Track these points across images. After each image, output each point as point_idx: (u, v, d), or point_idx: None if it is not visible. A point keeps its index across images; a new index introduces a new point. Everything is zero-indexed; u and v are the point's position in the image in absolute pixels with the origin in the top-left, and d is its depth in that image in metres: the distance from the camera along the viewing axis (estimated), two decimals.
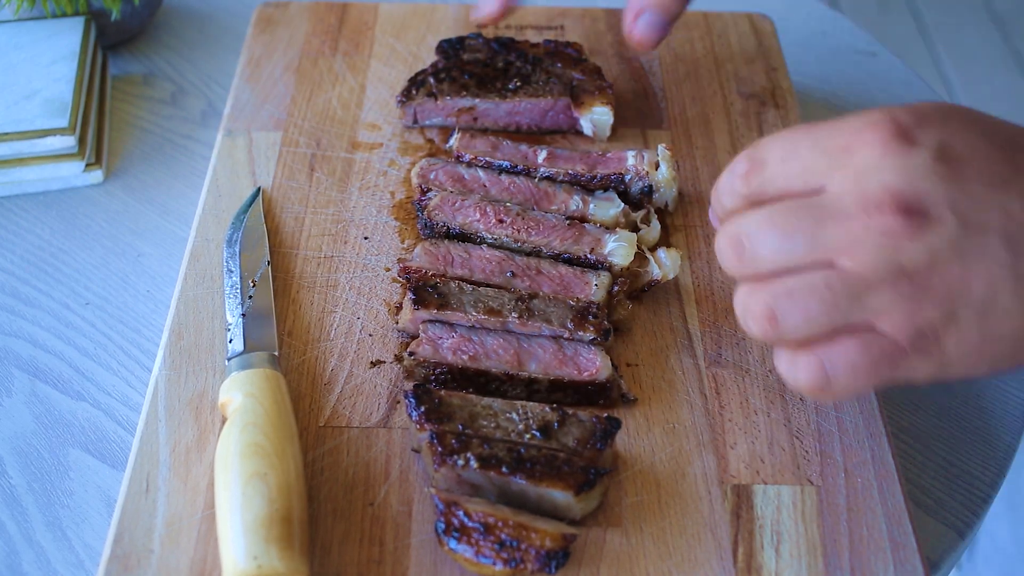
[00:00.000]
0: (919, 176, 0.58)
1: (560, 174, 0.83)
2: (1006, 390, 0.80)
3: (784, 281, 0.60)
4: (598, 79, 0.89)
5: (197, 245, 0.81)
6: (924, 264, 0.57)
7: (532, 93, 0.87)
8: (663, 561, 0.64)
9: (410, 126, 0.90)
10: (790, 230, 0.59)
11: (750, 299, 0.61)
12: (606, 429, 0.66)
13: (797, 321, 0.59)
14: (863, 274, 0.58)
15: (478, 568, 0.61)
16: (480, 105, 0.87)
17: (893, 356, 0.59)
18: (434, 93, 0.88)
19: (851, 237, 0.58)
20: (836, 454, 0.69)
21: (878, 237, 0.57)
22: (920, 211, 0.57)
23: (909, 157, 0.58)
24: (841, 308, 0.58)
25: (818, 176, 0.60)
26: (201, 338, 0.74)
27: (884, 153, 0.58)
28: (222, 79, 1.03)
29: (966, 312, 0.58)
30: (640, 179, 0.82)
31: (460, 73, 0.89)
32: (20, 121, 0.90)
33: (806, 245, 0.59)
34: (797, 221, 0.59)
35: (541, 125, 0.88)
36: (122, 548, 0.63)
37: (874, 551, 0.64)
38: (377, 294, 0.78)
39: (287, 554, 0.59)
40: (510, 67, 0.90)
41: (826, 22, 1.15)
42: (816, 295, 0.58)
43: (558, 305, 0.73)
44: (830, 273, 0.58)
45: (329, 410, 0.71)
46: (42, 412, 0.76)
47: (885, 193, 0.57)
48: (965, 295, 0.58)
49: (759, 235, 0.60)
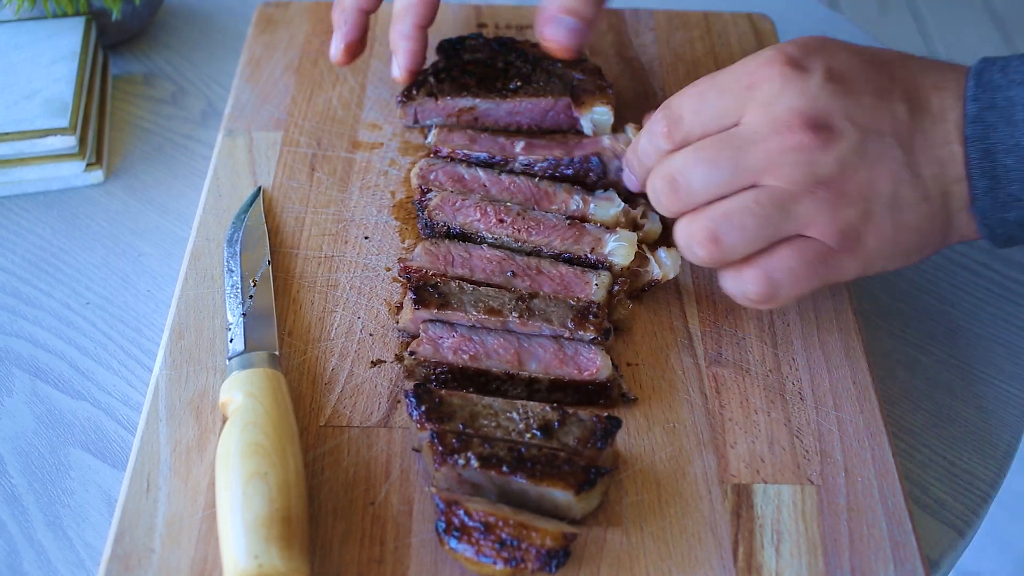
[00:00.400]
0: (817, 96, 0.66)
1: (538, 160, 0.83)
2: (1006, 390, 0.80)
3: (719, 205, 0.67)
4: (598, 79, 0.89)
5: (198, 245, 0.81)
6: (836, 171, 0.65)
7: (532, 93, 0.87)
8: (663, 560, 0.64)
9: (410, 126, 0.90)
10: (716, 160, 0.67)
11: (692, 227, 0.68)
12: (606, 428, 0.66)
13: (736, 239, 0.66)
14: (786, 188, 0.66)
15: (479, 567, 0.61)
16: (481, 105, 0.87)
17: (824, 257, 0.67)
18: (434, 93, 0.88)
19: (770, 158, 0.66)
20: (836, 454, 0.69)
21: (793, 153, 0.65)
22: (824, 125, 0.65)
23: (805, 81, 0.66)
24: (773, 220, 0.66)
25: (731, 115, 0.68)
26: (202, 338, 0.74)
27: (783, 82, 0.66)
28: (222, 79, 1.03)
29: (878, 208, 0.66)
30: (617, 158, 0.82)
31: (461, 73, 0.89)
32: (20, 121, 0.90)
33: (732, 171, 0.66)
34: (720, 152, 0.67)
35: (542, 125, 0.88)
36: (123, 547, 0.63)
37: (874, 551, 0.64)
38: (377, 294, 0.78)
39: (288, 553, 0.59)
40: (510, 67, 0.90)
41: (826, 22, 1.15)
42: (749, 212, 0.66)
43: (558, 305, 0.73)
44: (759, 191, 0.66)
45: (330, 409, 0.71)
46: (43, 412, 0.76)
47: (792, 115, 0.66)
48: (875, 193, 0.66)
49: (690, 170, 0.68)
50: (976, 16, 2.89)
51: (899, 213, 0.66)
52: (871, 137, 0.66)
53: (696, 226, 0.68)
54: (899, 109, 0.67)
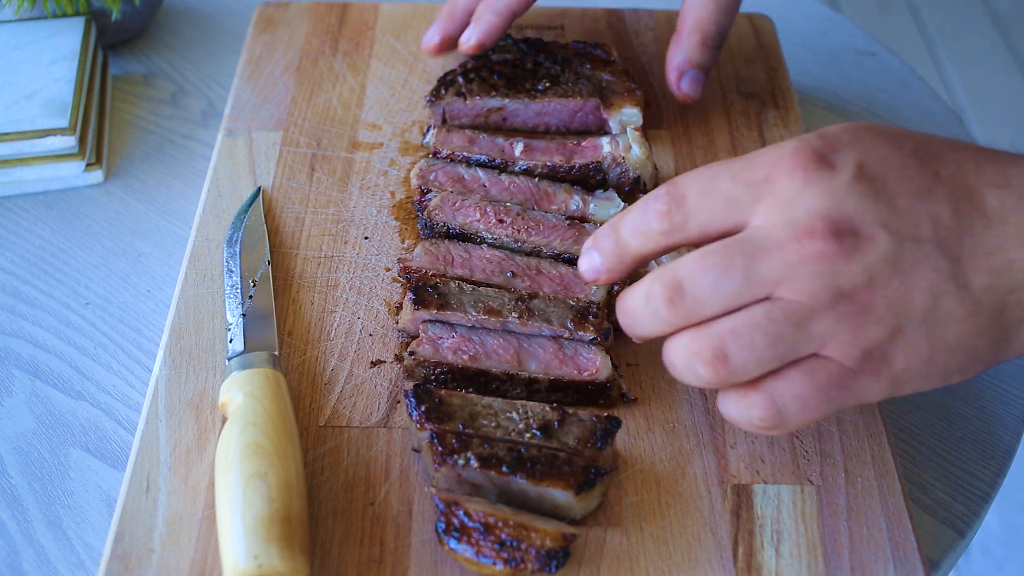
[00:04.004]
0: (843, 198, 0.58)
1: (538, 166, 0.83)
2: (1006, 390, 0.80)
3: (726, 320, 0.59)
4: (627, 80, 0.89)
5: (197, 245, 0.81)
6: (863, 284, 0.57)
7: (561, 94, 0.87)
8: (663, 561, 0.64)
9: (439, 126, 0.89)
10: (727, 268, 0.58)
11: (695, 344, 0.59)
12: (606, 428, 0.66)
13: (746, 358, 0.58)
14: (803, 302, 0.57)
15: (478, 568, 0.61)
16: (509, 105, 0.87)
17: (842, 380, 0.59)
18: (463, 93, 0.88)
19: (786, 267, 0.57)
20: (836, 454, 0.69)
21: (813, 264, 0.57)
22: (850, 232, 0.57)
23: (830, 181, 0.58)
24: (787, 339, 0.58)
25: (741, 209, 0.60)
26: (201, 338, 0.74)
27: (806, 180, 0.58)
28: (222, 79, 1.03)
29: (911, 324, 0.58)
30: (617, 165, 0.82)
31: (490, 73, 0.89)
32: (20, 121, 0.90)
33: (743, 281, 0.58)
34: (732, 258, 0.58)
35: (570, 126, 0.88)
36: (122, 547, 0.63)
37: (874, 551, 0.64)
38: (377, 294, 0.78)
39: (287, 553, 0.59)
40: (539, 68, 0.90)
41: (826, 22, 1.15)
42: (760, 330, 0.58)
43: (558, 305, 0.73)
44: (772, 306, 0.58)
45: (329, 410, 0.71)
46: (42, 412, 0.76)
47: (813, 219, 0.57)
48: (908, 308, 0.58)
49: (698, 278, 0.59)
50: (976, 16, 2.89)
51: (938, 330, 0.58)
52: (907, 244, 0.57)
53: (701, 343, 0.59)
54: (943, 211, 0.58)
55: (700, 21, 0.88)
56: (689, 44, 0.89)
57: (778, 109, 0.94)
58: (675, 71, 0.89)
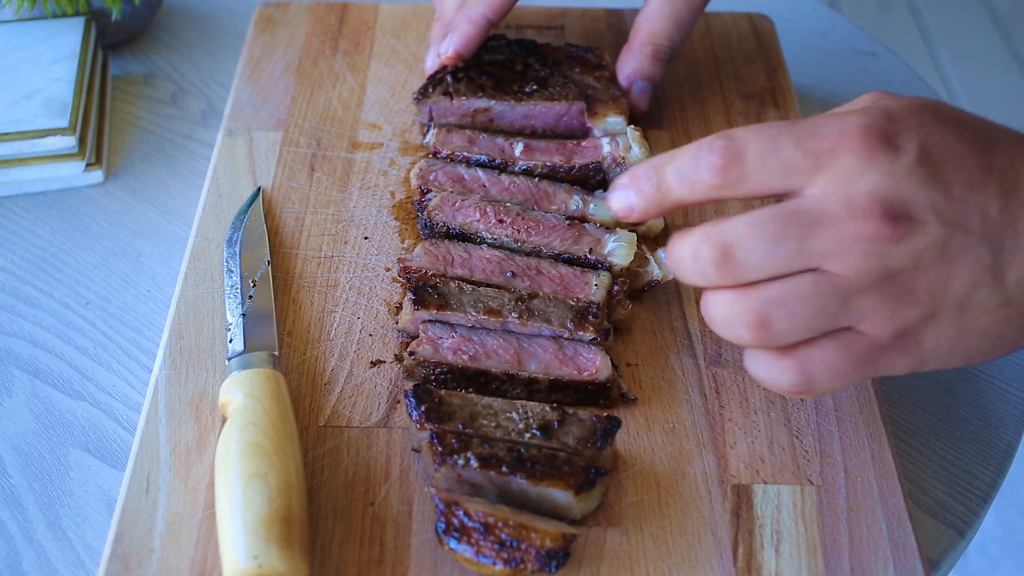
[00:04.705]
0: (903, 181, 0.59)
1: (538, 167, 0.83)
2: (1006, 390, 0.80)
3: (773, 287, 0.60)
4: (613, 88, 0.89)
5: (197, 245, 0.81)
6: (908, 267, 0.59)
7: (547, 97, 0.87)
8: (663, 561, 0.64)
9: (425, 123, 0.89)
10: (781, 237, 0.59)
11: (738, 307, 0.61)
12: (606, 428, 0.66)
13: (787, 327, 0.60)
14: (851, 279, 0.59)
15: (478, 568, 0.61)
16: (495, 107, 0.87)
17: (872, 355, 0.61)
18: (450, 92, 0.88)
19: (839, 243, 0.59)
20: (836, 454, 0.69)
21: (865, 244, 0.59)
22: (905, 216, 0.59)
23: (892, 163, 0.59)
24: (829, 313, 0.60)
25: (800, 176, 0.60)
26: (201, 338, 0.74)
27: (869, 159, 0.59)
28: (222, 79, 1.03)
29: (945, 310, 0.60)
30: (617, 165, 0.82)
31: (478, 74, 0.89)
32: (20, 121, 0.90)
33: (795, 251, 0.59)
34: (785, 228, 0.59)
35: (556, 129, 0.88)
36: (122, 547, 0.63)
37: (874, 551, 0.64)
38: (377, 294, 0.78)
39: (287, 553, 0.59)
40: (528, 70, 0.90)
41: (826, 22, 1.15)
42: (806, 301, 0.59)
43: (558, 305, 0.73)
44: (820, 279, 0.59)
45: (329, 410, 0.71)
46: (42, 412, 0.76)
47: (872, 199, 0.59)
48: (945, 294, 0.60)
49: (750, 243, 0.60)
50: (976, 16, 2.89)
51: (969, 317, 0.60)
52: (955, 234, 0.59)
53: (745, 307, 0.60)
54: (992, 204, 0.60)
55: (653, 35, 0.89)
56: (641, 56, 0.89)
57: (778, 109, 0.94)
58: (624, 81, 0.90)
